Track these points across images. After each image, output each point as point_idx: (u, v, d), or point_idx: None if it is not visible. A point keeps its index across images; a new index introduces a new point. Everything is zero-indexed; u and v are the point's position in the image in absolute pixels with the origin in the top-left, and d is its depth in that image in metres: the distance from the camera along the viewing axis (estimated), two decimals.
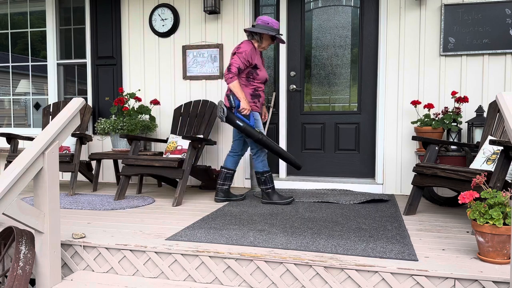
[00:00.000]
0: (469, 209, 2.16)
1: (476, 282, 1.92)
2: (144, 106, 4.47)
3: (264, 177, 3.58)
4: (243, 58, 3.40)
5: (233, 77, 3.37)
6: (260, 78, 3.56)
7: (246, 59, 3.42)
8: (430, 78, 4.05)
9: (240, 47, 3.44)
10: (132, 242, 2.41)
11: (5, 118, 5.50)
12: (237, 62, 3.39)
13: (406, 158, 4.16)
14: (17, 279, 2.05)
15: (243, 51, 3.41)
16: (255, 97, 3.56)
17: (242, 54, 3.40)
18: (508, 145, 2.46)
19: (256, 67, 3.51)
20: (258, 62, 3.53)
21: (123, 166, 3.78)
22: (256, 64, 3.50)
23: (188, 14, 4.67)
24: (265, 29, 3.46)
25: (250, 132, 3.40)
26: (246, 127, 3.40)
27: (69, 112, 2.38)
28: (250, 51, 3.43)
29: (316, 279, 2.10)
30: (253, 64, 3.48)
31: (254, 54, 3.48)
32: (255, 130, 3.43)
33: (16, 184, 2.03)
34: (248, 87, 3.54)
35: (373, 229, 2.74)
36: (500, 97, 2.19)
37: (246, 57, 3.41)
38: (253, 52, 3.48)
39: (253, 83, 3.54)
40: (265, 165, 3.58)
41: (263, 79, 3.58)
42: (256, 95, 3.56)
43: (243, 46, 3.44)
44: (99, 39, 4.90)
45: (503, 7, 3.83)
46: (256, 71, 3.52)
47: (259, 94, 3.58)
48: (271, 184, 3.60)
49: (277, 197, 3.57)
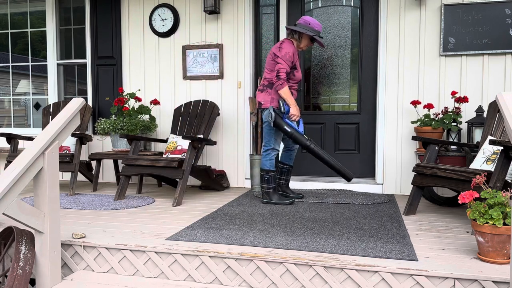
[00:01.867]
0: (469, 209, 2.16)
1: (476, 282, 1.92)
2: (144, 106, 4.47)
3: (268, 175, 3.57)
4: (287, 60, 3.37)
5: (283, 84, 3.36)
6: (296, 79, 3.56)
7: (290, 60, 3.40)
8: (430, 78, 4.05)
9: (282, 48, 3.39)
10: (132, 242, 2.41)
11: (5, 118, 5.50)
12: (283, 67, 3.36)
13: (406, 158, 4.16)
14: (17, 279, 2.05)
15: (286, 53, 3.36)
16: None
17: (286, 57, 3.36)
18: (508, 145, 2.46)
19: (295, 67, 3.49)
20: (297, 62, 3.51)
21: (123, 166, 3.78)
22: (295, 64, 3.48)
23: (188, 14, 4.67)
24: (305, 29, 3.42)
25: (298, 138, 3.40)
26: (293, 133, 3.40)
27: (69, 112, 2.38)
28: (292, 51, 3.40)
29: (316, 279, 2.10)
30: (293, 64, 3.45)
31: (295, 54, 3.46)
32: (303, 136, 3.42)
33: (16, 184, 2.03)
34: None
35: (373, 229, 2.74)
36: (500, 97, 2.19)
37: (290, 58, 3.39)
38: (295, 52, 3.46)
39: (289, 83, 3.55)
40: (271, 165, 3.57)
41: (299, 79, 3.59)
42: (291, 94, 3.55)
43: (285, 47, 3.39)
44: (99, 39, 4.90)
45: (503, 7, 3.83)
46: (294, 71, 3.50)
47: (292, 93, 3.60)
48: (273, 184, 3.60)
49: (277, 198, 3.57)
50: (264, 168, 3.58)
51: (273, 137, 3.54)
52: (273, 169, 3.58)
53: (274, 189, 3.60)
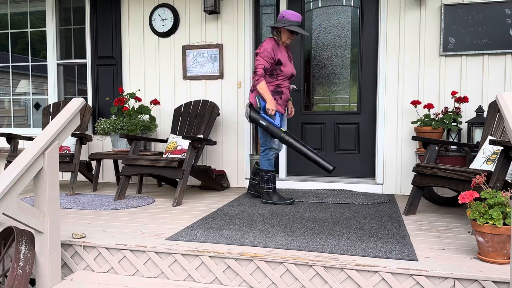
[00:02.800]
0: (469, 209, 2.16)
1: (476, 282, 1.92)
2: (144, 106, 4.47)
3: (268, 176, 3.57)
4: (265, 56, 3.40)
5: (259, 79, 3.39)
6: (284, 74, 3.50)
7: (269, 56, 3.40)
8: (430, 78, 4.05)
9: (261, 46, 3.45)
10: (132, 242, 2.41)
11: (5, 118, 5.50)
12: (261, 63, 3.40)
13: (406, 158, 4.16)
14: (17, 279, 2.05)
15: (264, 50, 3.41)
16: (276, 94, 3.51)
17: (264, 53, 3.40)
18: (508, 145, 2.46)
19: (280, 63, 3.46)
20: (282, 57, 3.47)
21: (123, 166, 3.78)
22: (279, 60, 3.45)
23: (188, 14, 4.67)
24: (279, 23, 3.44)
25: (273, 131, 3.40)
26: (269, 127, 3.40)
27: (69, 112, 2.38)
28: (271, 48, 3.41)
29: (316, 279, 2.10)
30: (276, 60, 3.44)
31: (276, 50, 3.44)
32: (279, 129, 3.40)
33: (16, 184, 2.03)
34: (271, 84, 3.51)
35: (373, 229, 2.74)
36: (500, 97, 2.19)
37: (269, 54, 3.40)
38: (276, 48, 3.44)
39: (276, 80, 3.51)
40: (270, 164, 3.56)
41: (287, 75, 3.52)
42: (278, 92, 3.52)
43: (264, 44, 3.44)
44: (99, 39, 4.90)
45: (503, 7, 3.83)
46: (280, 67, 3.47)
47: (281, 91, 3.53)
48: (273, 185, 3.59)
49: (277, 198, 3.56)
50: (263, 168, 3.58)
51: (268, 136, 3.54)
52: (272, 169, 3.57)
53: (274, 189, 3.59)
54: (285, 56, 3.50)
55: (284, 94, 3.55)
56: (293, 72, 3.57)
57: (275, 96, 3.51)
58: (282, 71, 3.48)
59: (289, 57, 3.60)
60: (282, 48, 3.52)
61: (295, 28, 3.37)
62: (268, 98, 3.39)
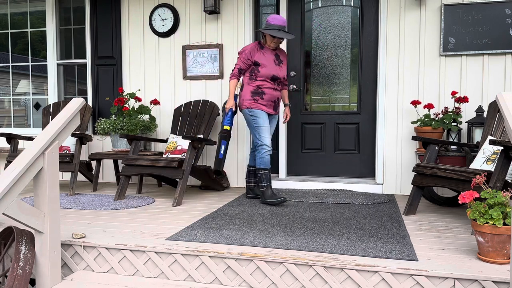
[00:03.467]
0: (469, 209, 2.16)
1: (476, 282, 1.92)
2: (144, 106, 4.47)
3: (260, 174, 3.57)
4: (242, 58, 3.62)
5: (231, 77, 3.65)
6: (262, 75, 3.59)
7: (246, 57, 3.60)
8: (430, 78, 4.05)
9: (243, 48, 3.64)
10: (132, 242, 2.41)
11: (5, 118, 5.50)
12: (237, 63, 3.65)
13: (406, 158, 4.16)
14: (17, 279, 2.05)
15: (243, 51, 3.62)
16: (256, 94, 3.60)
17: (242, 54, 3.62)
18: (508, 145, 2.46)
19: (258, 64, 3.58)
20: (261, 59, 3.59)
21: (123, 166, 3.78)
22: (256, 61, 3.57)
23: (188, 14, 4.67)
24: (263, 28, 3.62)
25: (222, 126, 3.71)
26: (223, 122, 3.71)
27: (69, 112, 2.38)
28: (250, 50, 3.59)
29: (316, 279, 2.10)
30: (253, 61, 3.59)
31: (255, 52, 3.59)
32: (223, 125, 3.65)
33: (16, 184, 2.03)
34: (250, 85, 3.62)
35: (373, 229, 2.74)
36: (500, 97, 2.19)
37: (246, 56, 3.60)
38: (254, 50, 3.59)
39: (256, 81, 3.61)
40: (262, 162, 3.56)
41: (266, 76, 3.59)
42: (258, 93, 3.60)
43: (245, 47, 3.64)
44: (99, 39, 4.90)
45: (503, 7, 3.83)
46: (258, 68, 3.58)
47: (262, 91, 3.60)
48: (265, 183, 3.57)
49: (269, 196, 3.53)
50: (257, 166, 3.60)
51: (257, 133, 3.58)
52: (264, 167, 3.56)
53: (267, 187, 3.57)
54: (267, 59, 3.61)
55: (266, 94, 3.61)
56: (276, 74, 3.63)
57: (256, 96, 3.59)
58: (259, 72, 3.58)
59: (277, 60, 3.67)
60: (267, 51, 3.64)
61: (273, 32, 3.49)
62: (230, 96, 3.63)
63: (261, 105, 3.61)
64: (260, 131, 3.57)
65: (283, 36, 3.51)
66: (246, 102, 3.60)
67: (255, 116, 3.59)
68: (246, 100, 3.60)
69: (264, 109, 3.61)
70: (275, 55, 3.68)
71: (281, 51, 3.75)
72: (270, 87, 3.64)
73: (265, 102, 3.62)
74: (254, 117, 3.59)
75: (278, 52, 3.72)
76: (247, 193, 3.86)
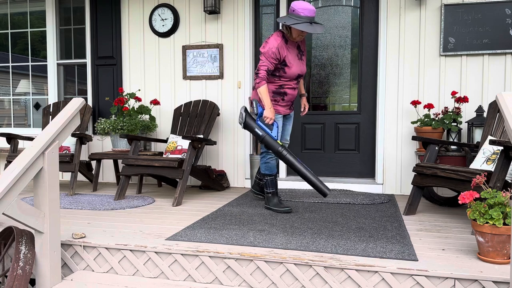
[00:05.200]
0: (469, 209, 2.16)
1: (476, 282, 1.92)
2: (144, 106, 4.47)
3: (265, 180, 3.38)
4: (270, 57, 3.08)
5: (260, 82, 3.08)
6: (289, 76, 3.19)
7: (273, 57, 3.09)
8: (430, 78, 4.05)
9: (267, 43, 3.10)
10: (132, 242, 2.41)
11: (5, 118, 5.50)
12: (264, 64, 3.09)
13: (406, 158, 4.16)
14: (17, 279, 2.05)
15: (269, 49, 3.08)
16: (278, 95, 3.24)
17: (268, 53, 3.08)
18: (508, 145, 2.46)
19: (285, 64, 3.15)
20: (289, 57, 3.15)
21: (123, 166, 3.78)
22: (285, 60, 3.13)
23: (188, 14, 4.67)
24: (289, 18, 3.06)
25: (269, 143, 3.07)
26: (265, 137, 3.08)
27: (69, 112, 2.38)
28: (277, 47, 3.08)
29: (316, 279, 2.10)
30: (282, 60, 3.13)
31: (283, 48, 3.11)
32: (276, 142, 3.08)
33: (16, 184, 2.03)
34: (272, 84, 3.22)
35: (373, 229, 2.74)
36: (500, 97, 2.19)
37: (273, 55, 3.08)
38: (282, 46, 3.11)
39: (279, 81, 3.21)
40: (267, 168, 3.34)
41: (292, 76, 3.20)
42: (280, 93, 3.24)
43: (270, 42, 3.11)
44: (99, 39, 4.90)
45: (503, 7, 3.83)
46: (285, 68, 3.15)
47: (285, 92, 3.23)
48: (271, 189, 3.36)
49: (274, 204, 3.31)
50: (261, 172, 3.40)
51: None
52: (269, 173, 3.35)
53: (273, 194, 3.35)
54: (293, 55, 3.18)
55: (288, 95, 3.27)
56: (300, 72, 3.25)
57: (277, 97, 3.24)
58: (286, 73, 3.17)
59: (300, 54, 3.26)
60: (292, 44, 3.19)
61: (304, 27, 2.97)
62: (267, 105, 3.08)
63: (280, 107, 3.28)
64: None
65: (318, 32, 3.00)
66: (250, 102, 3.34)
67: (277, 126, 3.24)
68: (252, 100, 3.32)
69: (281, 112, 3.30)
70: (298, 48, 3.24)
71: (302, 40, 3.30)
72: (293, 86, 3.27)
73: (285, 104, 3.30)
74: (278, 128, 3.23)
75: (300, 43, 3.27)
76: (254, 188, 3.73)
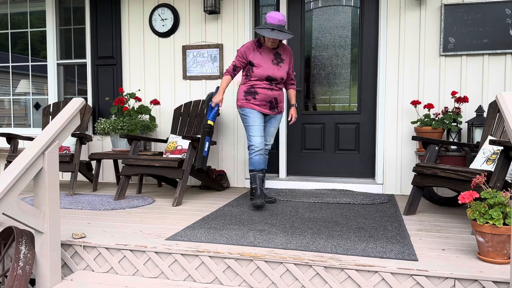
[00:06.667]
0: (469, 209, 2.16)
1: (476, 282, 1.92)
2: (144, 106, 4.47)
3: (250, 174, 3.54)
4: (238, 56, 3.54)
5: (225, 73, 3.57)
6: (256, 76, 3.47)
7: (240, 56, 3.52)
8: (430, 78, 4.05)
9: (242, 45, 3.58)
10: (132, 242, 2.41)
11: (5, 118, 5.50)
12: (234, 60, 3.57)
13: (406, 158, 4.16)
14: (17, 279, 2.05)
15: (239, 50, 3.55)
16: (249, 94, 3.50)
17: (238, 52, 3.55)
18: (508, 145, 2.46)
19: (252, 64, 3.47)
20: (256, 59, 3.47)
21: (123, 166, 3.78)
22: (251, 61, 3.47)
23: (188, 14, 4.67)
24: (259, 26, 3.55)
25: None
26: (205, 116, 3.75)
27: (69, 112, 2.38)
28: (245, 49, 3.50)
29: (316, 279, 2.10)
30: (247, 61, 3.50)
31: (251, 51, 3.48)
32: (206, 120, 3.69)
33: (16, 184, 2.03)
34: (245, 84, 3.55)
35: (373, 229, 2.74)
36: (500, 97, 2.19)
37: (240, 54, 3.52)
38: (250, 49, 3.49)
39: (250, 81, 3.51)
40: (251, 163, 3.49)
41: (259, 76, 3.47)
42: (251, 92, 3.49)
43: (244, 45, 3.55)
44: (99, 39, 4.90)
45: (503, 7, 3.83)
46: (253, 68, 3.48)
47: (255, 91, 3.48)
48: (253, 185, 3.48)
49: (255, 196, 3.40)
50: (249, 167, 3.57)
51: (247, 132, 3.52)
52: (252, 168, 3.48)
53: (256, 189, 3.46)
54: (264, 58, 3.48)
55: (259, 94, 3.48)
56: (271, 75, 3.48)
57: (248, 96, 3.50)
58: (253, 72, 3.48)
59: (277, 60, 3.52)
60: (265, 49, 3.51)
61: (265, 32, 3.32)
62: (219, 91, 3.57)
63: (254, 105, 3.50)
64: (249, 130, 3.49)
65: (274, 37, 3.31)
66: (239, 101, 3.54)
67: (246, 115, 3.50)
68: (240, 99, 3.54)
69: (256, 108, 3.50)
70: (275, 54, 3.52)
71: (284, 49, 3.58)
72: (265, 87, 3.51)
73: (258, 102, 3.50)
74: (245, 116, 3.52)
75: (280, 51, 3.55)
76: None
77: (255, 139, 3.45)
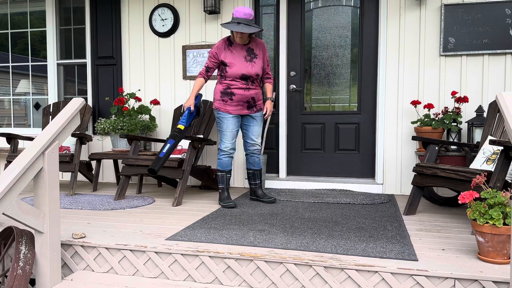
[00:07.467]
0: (469, 209, 2.16)
1: (476, 282, 1.92)
2: (144, 106, 4.47)
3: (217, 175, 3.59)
4: (209, 57, 3.47)
5: (198, 75, 3.50)
6: (230, 75, 3.39)
7: (212, 57, 3.44)
8: (430, 78, 4.05)
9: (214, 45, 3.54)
10: (132, 242, 2.41)
11: (5, 118, 5.50)
12: (206, 63, 3.50)
13: (406, 158, 4.16)
14: (17, 279, 2.05)
15: (210, 51, 3.47)
16: (225, 95, 3.44)
17: (209, 54, 3.47)
18: (508, 145, 2.46)
19: (225, 64, 3.39)
20: (227, 57, 3.39)
21: (123, 166, 3.78)
22: (223, 61, 3.40)
23: (188, 14, 4.67)
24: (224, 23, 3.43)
25: None
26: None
27: (69, 112, 2.38)
28: (216, 49, 3.42)
29: (316, 279, 2.10)
30: (219, 61, 3.42)
31: (221, 50, 3.40)
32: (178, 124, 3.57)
33: (16, 184, 2.03)
34: (221, 85, 3.48)
35: (373, 229, 2.74)
36: (500, 97, 2.19)
37: (211, 55, 3.44)
38: (220, 48, 3.41)
39: (225, 81, 3.44)
40: (219, 164, 3.54)
41: (234, 76, 3.38)
42: (228, 93, 3.43)
43: (215, 44, 3.48)
44: (99, 39, 4.90)
45: (503, 7, 3.83)
46: (226, 68, 3.39)
47: (232, 92, 3.41)
48: (221, 185, 3.55)
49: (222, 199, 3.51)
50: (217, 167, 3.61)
51: (219, 136, 3.53)
52: (220, 169, 3.53)
53: (222, 189, 3.54)
54: (236, 56, 3.39)
55: (236, 95, 3.42)
56: (246, 72, 3.39)
57: (225, 97, 3.44)
58: (227, 72, 3.39)
59: (250, 56, 3.42)
60: (237, 47, 3.42)
61: (228, 26, 3.23)
62: (190, 95, 3.50)
63: (230, 107, 3.45)
64: (222, 135, 3.49)
65: (240, 30, 3.18)
66: (216, 102, 3.50)
67: (220, 120, 3.48)
68: (216, 100, 3.49)
69: (232, 112, 3.45)
70: (247, 50, 3.41)
71: (257, 44, 3.47)
72: (241, 87, 3.42)
73: (235, 103, 3.45)
74: (219, 120, 3.49)
75: (252, 46, 3.44)
76: (250, 195, 3.80)
77: (225, 144, 3.50)
